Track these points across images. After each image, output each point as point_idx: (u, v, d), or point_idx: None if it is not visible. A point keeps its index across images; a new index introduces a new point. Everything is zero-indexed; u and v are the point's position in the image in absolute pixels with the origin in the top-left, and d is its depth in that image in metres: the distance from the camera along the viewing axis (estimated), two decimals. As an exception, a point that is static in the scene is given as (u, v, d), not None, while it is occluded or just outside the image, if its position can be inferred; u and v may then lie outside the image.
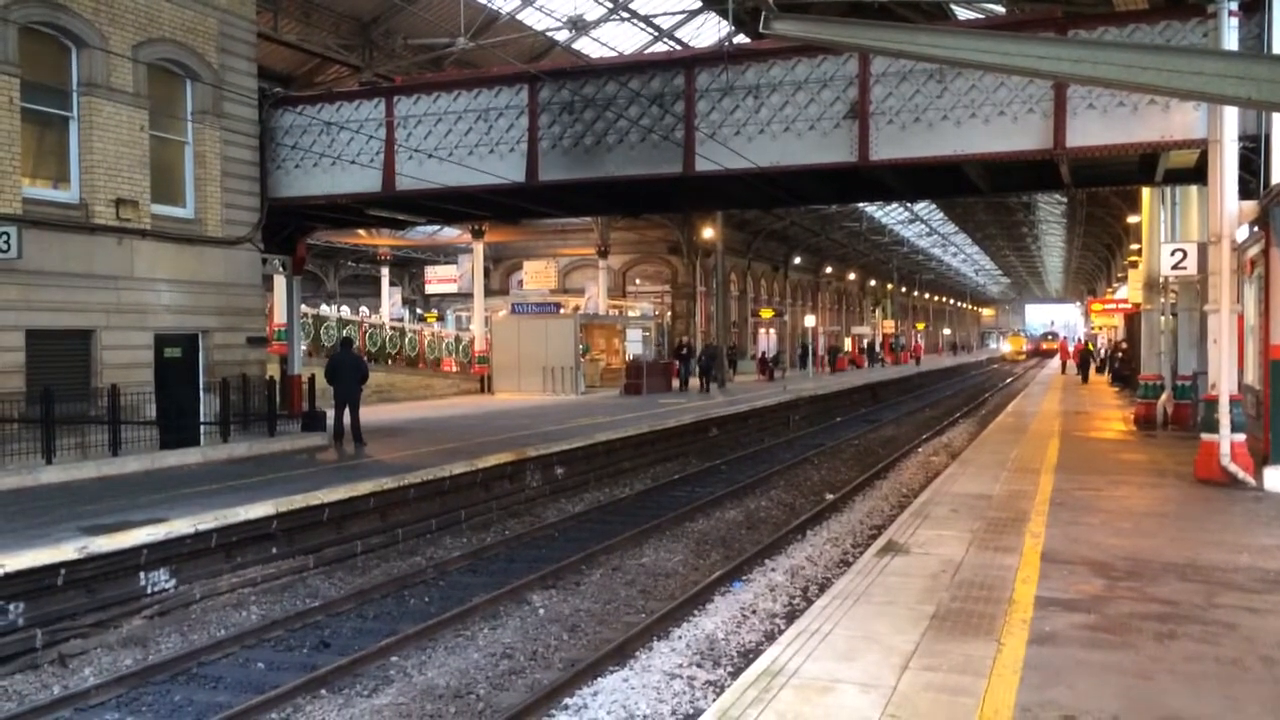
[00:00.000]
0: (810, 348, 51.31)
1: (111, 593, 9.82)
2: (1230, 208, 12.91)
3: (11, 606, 8.94)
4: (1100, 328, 59.73)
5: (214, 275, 17.44)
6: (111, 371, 15.40)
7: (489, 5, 26.53)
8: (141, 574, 10.15)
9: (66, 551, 9.42)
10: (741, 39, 25.16)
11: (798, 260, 62.23)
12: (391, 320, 38.41)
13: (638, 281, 50.40)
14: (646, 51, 29.43)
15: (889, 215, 61.50)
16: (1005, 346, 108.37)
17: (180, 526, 10.57)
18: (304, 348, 25.17)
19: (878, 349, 70.14)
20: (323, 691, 7.98)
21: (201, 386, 17.17)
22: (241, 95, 17.91)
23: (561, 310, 38.57)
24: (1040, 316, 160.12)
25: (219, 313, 17.49)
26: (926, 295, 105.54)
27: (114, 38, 15.51)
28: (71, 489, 13.16)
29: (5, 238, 13.64)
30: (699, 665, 8.48)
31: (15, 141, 14.17)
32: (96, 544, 9.71)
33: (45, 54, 14.95)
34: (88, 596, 9.61)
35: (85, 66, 15.27)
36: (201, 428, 16.97)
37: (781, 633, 7.66)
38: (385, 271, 45.30)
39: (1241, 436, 12.94)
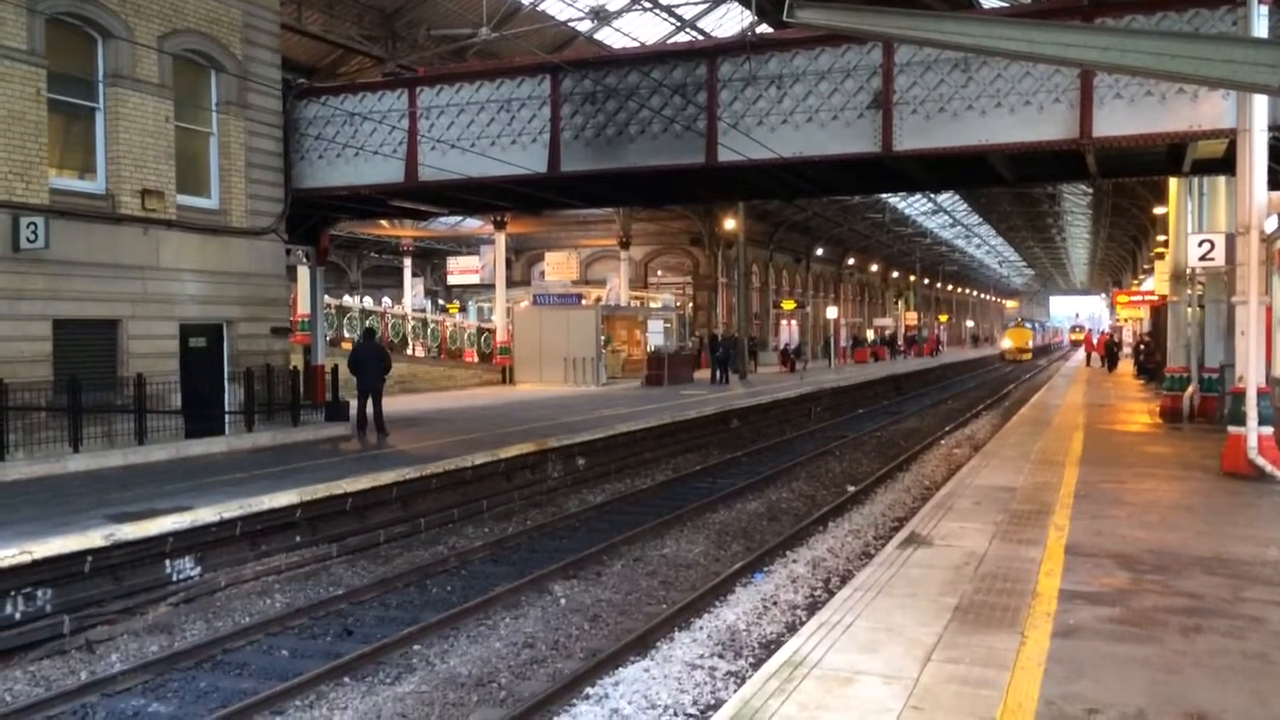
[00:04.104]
0: (833, 340, 51.14)
1: (138, 580, 9.93)
2: (1259, 198, 12.75)
3: (40, 593, 9.05)
4: (1126, 320, 59.20)
5: (238, 265, 17.54)
6: (137, 361, 15.52)
7: (511, -4, 26.52)
8: (167, 561, 10.25)
9: (94, 539, 9.51)
10: (764, 28, 25.04)
11: (820, 251, 62.00)
12: (414, 311, 38.53)
13: (659, 273, 50.35)
14: (669, 41, 29.36)
15: (912, 206, 61.15)
16: (1005, 342, 79.18)
17: (205, 515, 10.66)
18: (327, 337, 25.27)
19: (899, 341, 69.66)
20: (346, 679, 8.02)
21: (226, 376, 17.29)
22: (266, 86, 17.99)
23: (583, 301, 38.65)
24: (1065, 308, 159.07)
25: (243, 303, 17.59)
26: (949, 287, 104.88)
27: (139, 29, 15.60)
28: (98, 477, 13.29)
29: (33, 228, 13.76)
30: (720, 656, 8.48)
31: (42, 132, 14.28)
32: (123, 531, 9.80)
33: (72, 45, 15.05)
34: (114, 583, 9.71)
35: (111, 57, 15.37)
36: (226, 417, 17.09)
37: (803, 624, 7.64)
38: (408, 262, 45.37)
39: (1269, 429, 12.80)
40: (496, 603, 9.98)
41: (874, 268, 75.69)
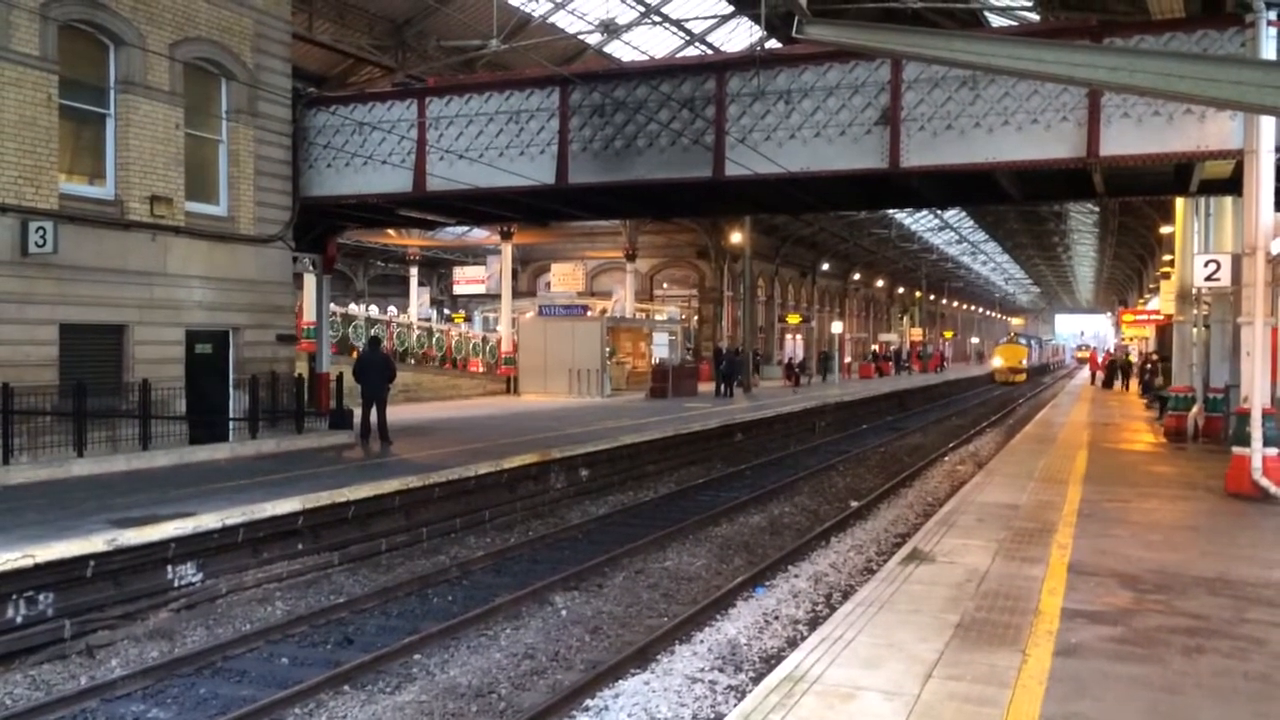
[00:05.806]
0: (837, 354, 51.00)
1: (139, 585, 9.93)
2: (1265, 219, 12.75)
3: (41, 597, 9.05)
4: (1131, 339, 59.11)
5: (245, 273, 17.59)
6: (143, 366, 15.55)
7: (521, 8, 26.64)
8: (169, 567, 10.25)
9: (96, 544, 9.52)
10: (773, 44, 25.11)
11: (826, 266, 62.00)
12: (419, 320, 38.59)
13: (665, 285, 50.39)
14: (678, 56, 29.45)
15: (919, 222, 61.19)
16: (994, 360, 68.88)
17: (208, 521, 10.66)
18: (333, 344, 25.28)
19: (904, 357, 69.53)
20: (346, 688, 8.02)
21: (231, 383, 17.32)
22: (276, 95, 18.06)
23: (588, 313, 38.65)
24: (1070, 327, 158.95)
25: (250, 310, 17.63)
26: (955, 303, 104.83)
27: (151, 36, 15.68)
28: (101, 482, 13.30)
29: (42, 232, 13.82)
30: (721, 670, 8.47)
31: (53, 138, 14.35)
32: (125, 537, 9.81)
33: (84, 52, 15.13)
34: (116, 588, 9.72)
35: (123, 64, 15.44)
36: (230, 424, 17.12)
37: (804, 639, 7.62)
38: (414, 272, 45.48)
39: (1274, 450, 12.77)
40: (497, 613, 9.98)
41: (880, 283, 75.67)
